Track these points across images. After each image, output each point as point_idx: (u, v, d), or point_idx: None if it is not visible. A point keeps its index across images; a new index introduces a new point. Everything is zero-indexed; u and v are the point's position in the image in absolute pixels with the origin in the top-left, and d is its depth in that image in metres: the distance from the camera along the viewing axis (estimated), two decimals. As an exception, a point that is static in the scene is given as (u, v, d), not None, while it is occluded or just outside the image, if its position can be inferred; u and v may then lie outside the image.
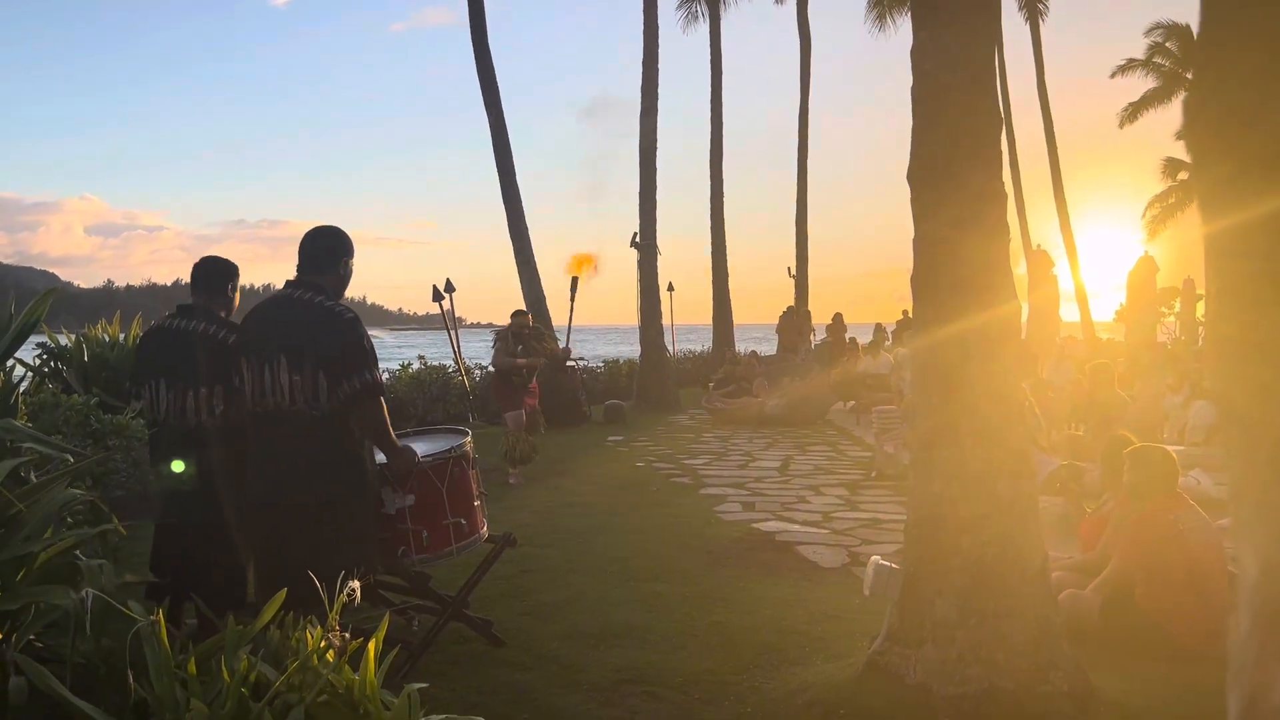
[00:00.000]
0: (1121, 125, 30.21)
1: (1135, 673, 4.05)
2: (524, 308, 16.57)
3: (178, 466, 2.99)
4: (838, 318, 22.34)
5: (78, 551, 3.18)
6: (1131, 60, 29.68)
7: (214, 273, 4.39)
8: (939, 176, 3.75)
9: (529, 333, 10.19)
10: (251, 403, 3.82)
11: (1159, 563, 4.45)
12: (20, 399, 3.95)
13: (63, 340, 10.37)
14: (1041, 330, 19.28)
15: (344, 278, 3.96)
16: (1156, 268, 20.00)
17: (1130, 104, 29.84)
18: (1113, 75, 30.11)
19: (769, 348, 23.32)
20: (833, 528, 7.35)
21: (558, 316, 17.56)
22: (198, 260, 4.43)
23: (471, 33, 17.14)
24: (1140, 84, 29.58)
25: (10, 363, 3.77)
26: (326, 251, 3.92)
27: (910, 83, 3.85)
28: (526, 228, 17.30)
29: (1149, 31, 29.07)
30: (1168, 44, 29.00)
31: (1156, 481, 4.67)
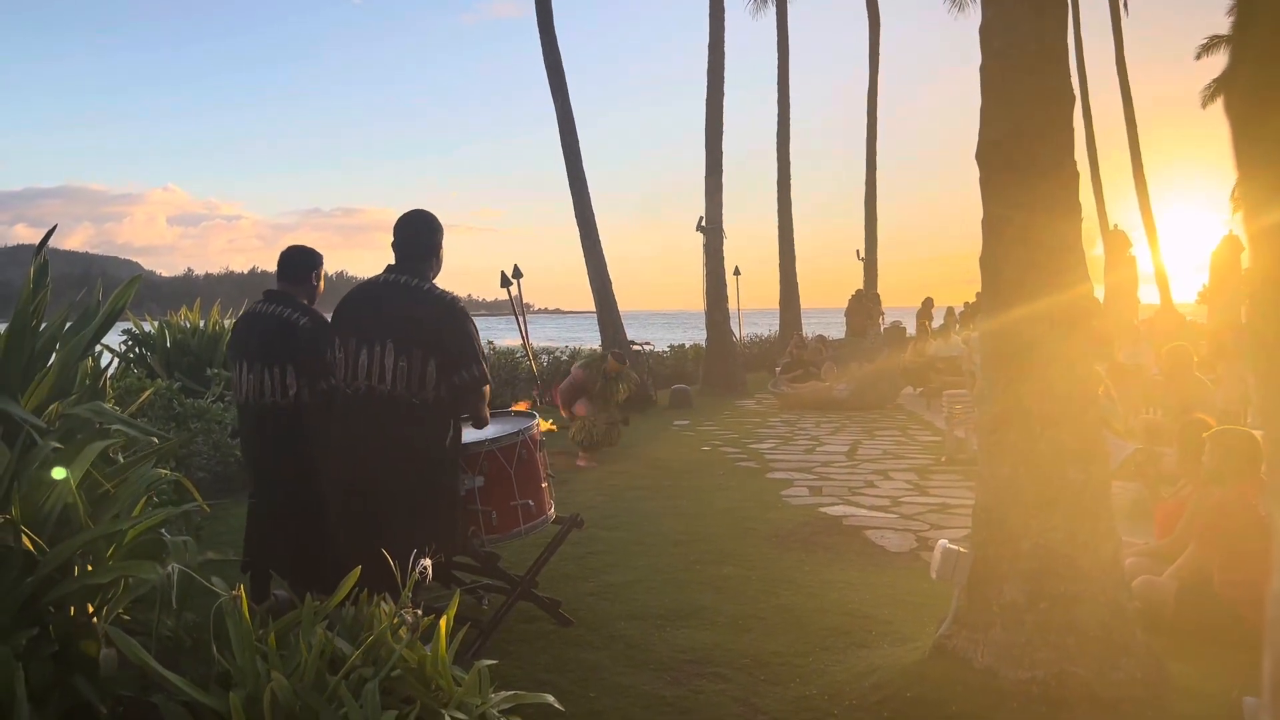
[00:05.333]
0: (1204, 105, 29.23)
1: (1211, 661, 3.97)
2: (590, 292, 16.70)
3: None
4: (928, 302, 21.95)
5: (163, 529, 3.31)
6: (1215, 37, 28.68)
7: (298, 261, 4.53)
8: (1008, 156, 3.68)
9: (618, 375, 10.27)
10: (344, 383, 3.88)
11: (1238, 549, 4.34)
12: (108, 383, 4.10)
13: (146, 327, 10.74)
14: (1118, 313, 18.79)
15: (441, 261, 4.01)
16: (1242, 247, 19.26)
17: (1214, 81, 28.85)
18: (1198, 57, 29.13)
19: (837, 332, 23.10)
20: (901, 512, 7.30)
21: (623, 303, 17.61)
22: (284, 249, 4.57)
23: (538, 17, 17.23)
24: (1225, 60, 28.55)
25: (98, 349, 3.91)
26: (428, 237, 3.94)
27: (980, 61, 3.80)
28: (593, 213, 17.35)
29: (1231, 10, 27.98)
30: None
31: (1238, 466, 4.55)
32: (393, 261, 3.97)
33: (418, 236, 3.94)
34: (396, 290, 3.84)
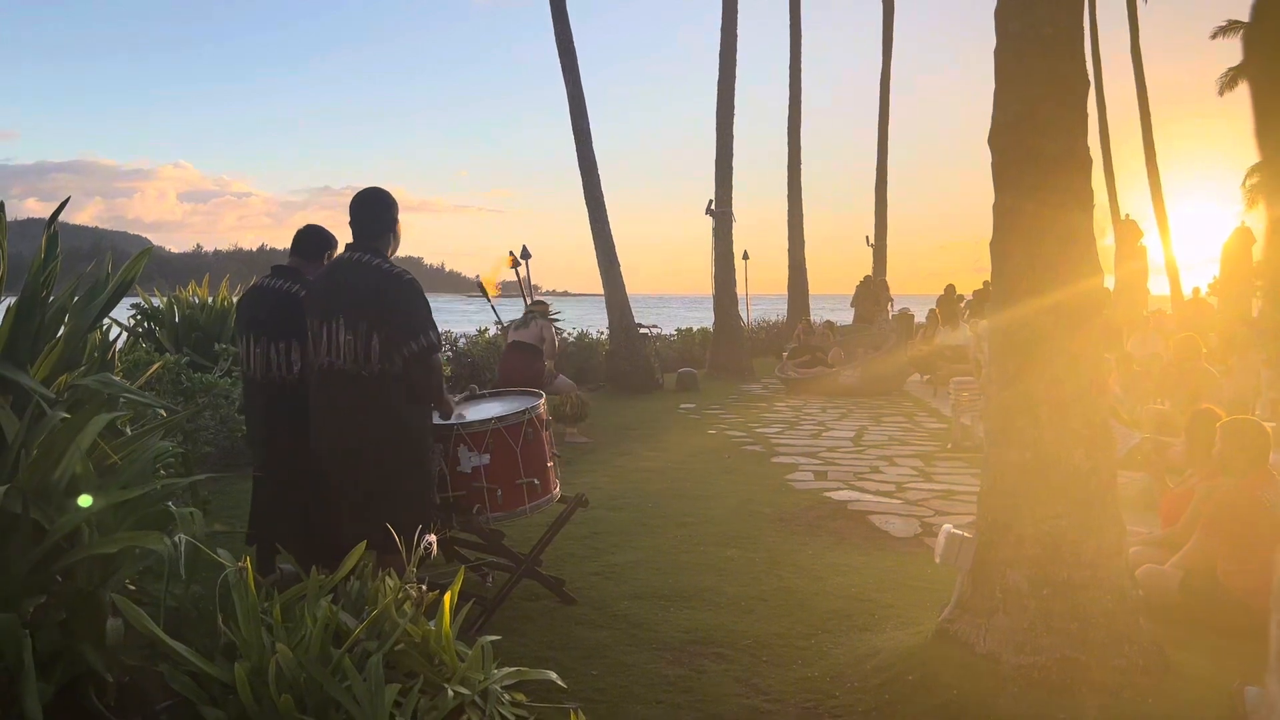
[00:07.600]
0: (1221, 92, 28.93)
1: (1215, 649, 3.97)
2: (599, 273, 16.67)
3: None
4: (949, 289, 21.82)
5: (170, 501, 3.31)
6: (1233, 21, 28.36)
7: (315, 240, 4.54)
8: (1020, 142, 3.66)
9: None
10: (314, 358, 3.95)
11: (1243, 539, 4.34)
12: (116, 356, 4.11)
13: (155, 302, 10.76)
14: (1128, 303, 18.73)
15: (398, 238, 4.06)
16: (1254, 239, 19.20)
17: (1230, 69, 28.56)
18: (1213, 36, 28.78)
19: (845, 318, 23.04)
20: (906, 498, 7.30)
21: (631, 285, 17.58)
22: (302, 226, 4.59)
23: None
24: (1240, 45, 28.23)
25: (106, 322, 3.92)
26: (382, 215, 4.00)
27: (994, 45, 3.77)
28: (602, 195, 17.30)
29: (1253, -12, 27.65)
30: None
31: (1247, 456, 4.54)
32: (350, 240, 4.03)
33: (372, 214, 4.00)
34: (351, 267, 3.92)
